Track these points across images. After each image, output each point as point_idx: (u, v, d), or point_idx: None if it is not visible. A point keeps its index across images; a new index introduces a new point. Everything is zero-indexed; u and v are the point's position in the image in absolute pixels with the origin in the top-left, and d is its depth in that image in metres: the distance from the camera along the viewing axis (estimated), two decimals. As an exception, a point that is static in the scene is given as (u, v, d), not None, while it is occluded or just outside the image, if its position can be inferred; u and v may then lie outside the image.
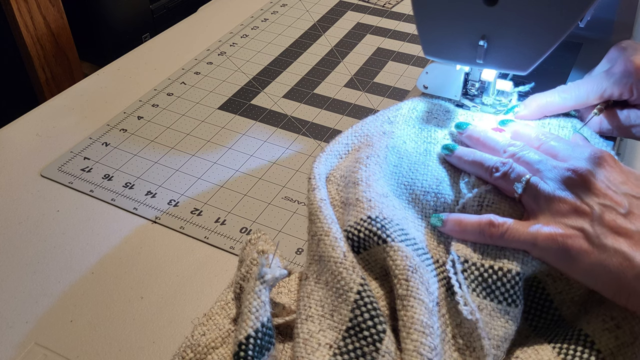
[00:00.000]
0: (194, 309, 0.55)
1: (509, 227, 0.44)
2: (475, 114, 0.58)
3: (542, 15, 0.46)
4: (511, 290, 0.43)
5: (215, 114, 0.81)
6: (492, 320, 0.42)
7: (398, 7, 1.07)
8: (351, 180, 0.48)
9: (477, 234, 0.45)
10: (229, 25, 1.02)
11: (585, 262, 0.42)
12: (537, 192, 0.46)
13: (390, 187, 0.49)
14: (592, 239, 0.42)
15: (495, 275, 0.43)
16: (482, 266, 0.44)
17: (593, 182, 0.45)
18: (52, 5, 1.32)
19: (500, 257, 0.44)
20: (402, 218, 0.46)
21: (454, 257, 0.45)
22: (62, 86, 1.38)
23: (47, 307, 0.55)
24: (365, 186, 0.47)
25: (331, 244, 0.43)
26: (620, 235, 0.42)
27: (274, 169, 0.71)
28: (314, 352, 0.40)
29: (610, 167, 0.46)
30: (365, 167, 0.48)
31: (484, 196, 0.48)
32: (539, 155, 0.48)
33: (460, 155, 0.51)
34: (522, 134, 0.53)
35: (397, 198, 0.49)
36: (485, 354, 0.41)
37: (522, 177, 0.46)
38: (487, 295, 0.43)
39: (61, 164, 0.72)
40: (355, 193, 0.46)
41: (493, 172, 0.48)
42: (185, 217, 0.65)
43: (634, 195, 0.44)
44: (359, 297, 0.41)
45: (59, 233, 0.63)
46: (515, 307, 0.43)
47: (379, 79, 0.87)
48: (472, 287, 0.43)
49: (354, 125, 0.56)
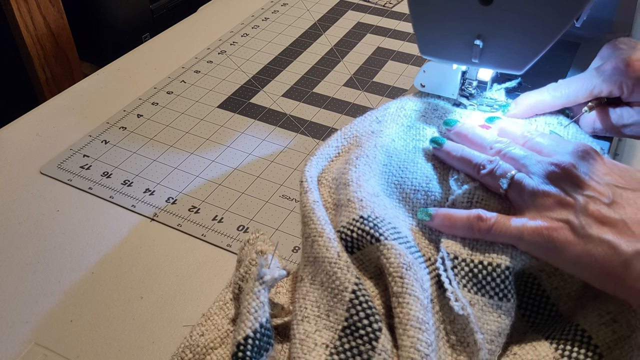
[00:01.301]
0: (193, 309, 0.55)
1: (496, 221, 0.45)
2: (463, 111, 0.59)
3: (537, 14, 0.46)
4: (502, 284, 0.43)
5: (215, 112, 0.81)
6: (485, 315, 0.42)
7: (398, 6, 1.08)
8: (342, 181, 0.48)
9: (465, 228, 0.46)
10: (229, 25, 1.02)
11: (572, 253, 0.42)
12: (521, 188, 0.46)
13: (381, 187, 0.49)
14: (577, 230, 0.42)
15: (485, 271, 0.44)
16: (471, 262, 0.44)
17: (576, 174, 0.45)
18: (52, 5, 1.32)
19: (490, 252, 0.45)
20: (393, 217, 0.47)
21: (443, 254, 0.45)
22: (62, 86, 1.38)
23: (47, 307, 0.56)
24: (355, 186, 0.47)
25: (325, 245, 0.43)
26: (605, 224, 0.42)
27: (272, 167, 0.71)
28: (311, 352, 0.40)
29: (594, 159, 0.47)
30: (355, 168, 0.49)
31: (473, 192, 0.49)
32: (524, 151, 0.49)
33: (448, 150, 0.52)
34: (508, 131, 0.53)
35: (388, 197, 0.49)
36: (478, 348, 0.41)
37: (507, 173, 0.47)
38: (479, 291, 0.43)
39: (61, 161, 0.73)
40: (346, 194, 0.47)
41: (480, 169, 0.49)
42: (183, 215, 0.65)
43: (617, 185, 0.45)
44: (354, 297, 0.41)
45: (59, 233, 0.63)
46: (507, 301, 0.43)
47: (379, 79, 0.87)
48: (462, 283, 0.44)
49: (343, 127, 0.56)
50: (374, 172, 0.49)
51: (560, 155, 0.47)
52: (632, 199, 0.44)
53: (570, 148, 0.48)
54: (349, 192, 0.46)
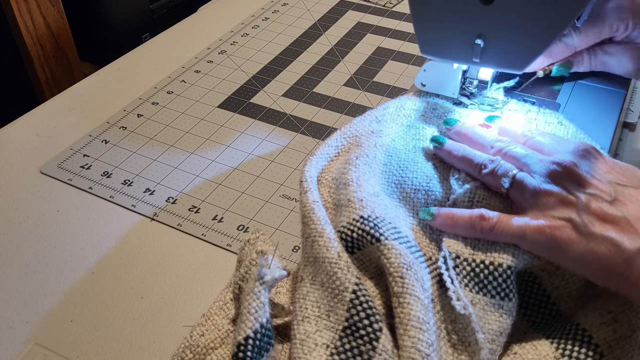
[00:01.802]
0: (194, 309, 0.55)
1: (498, 220, 0.45)
2: (462, 111, 0.59)
3: (538, 14, 0.46)
4: (503, 284, 0.43)
5: (215, 112, 0.81)
6: (486, 315, 0.42)
7: (398, 6, 1.07)
8: (342, 181, 0.48)
9: (468, 228, 0.46)
10: (229, 24, 1.02)
11: (575, 251, 0.42)
12: (523, 187, 0.46)
13: (381, 187, 0.49)
14: (580, 228, 0.42)
15: (487, 270, 0.44)
16: (473, 261, 0.44)
17: (578, 173, 0.45)
18: (52, 5, 1.32)
19: (491, 252, 0.45)
20: (394, 216, 0.47)
21: (445, 253, 0.45)
22: (62, 86, 1.38)
23: (47, 307, 0.55)
24: (356, 186, 0.47)
25: (325, 245, 0.43)
26: (608, 222, 0.42)
27: (272, 167, 0.71)
28: (311, 352, 0.40)
29: (595, 158, 0.47)
30: (355, 168, 0.48)
31: (474, 192, 0.49)
32: (525, 150, 0.49)
33: (449, 149, 0.52)
34: (509, 130, 0.54)
35: (388, 197, 0.49)
36: (480, 348, 0.41)
37: (509, 173, 0.47)
38: (480, 290, 0.43)
39: (61, 161, 0.73)
40: (346, 194, 0.47)
41: (481, 169, 0.49)
42: (183, 215, 0.65)
43: (619, 183, 0.45)
44: (355, 297, 0.41)
45: (59, 233, 0.63)
46: (509, 300, 0.43)
47: (379, 78, 0.87)
48: (464, 283, 0.44)
49: (342, 127, 0.56)
50: (374, 171, 0.49)
51: (561, 154, 0.47)
52: (634, 196, 0.44)
53: (571, 147, 0.48)
54: (349, 192, 0.46)
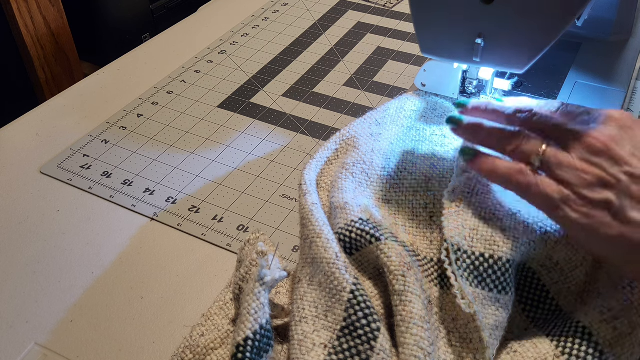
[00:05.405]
0: (194, 309, 0.55)
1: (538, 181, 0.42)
2: None
3: (538, 13, 0.46)
4: (502, 277, 0.43)
5: (215, 112, 0.81)
6: (484, 309, 0.42)
7: (398, 6, 1.07)
8: (337, 187, 0.48)
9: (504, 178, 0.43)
10: (229, 24, 1.02)
11: (605, 234, 0.40)
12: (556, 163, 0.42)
13: (380, 193, 0.49)
14: (617, 212, 0.39)
15: (487, 264, 0.43)
16: (473, 254, 0.44)
17: (615, 149, 0.41)
18: (52, 5, 1.32)
19: (491, 244, 0.44)
20: (391, 224, 0.47)
21: (449, 245, 0.44)
22: (62, 86, 1.38)
23: (47, 307, 0.55)
24: (351, 196, 0.47)
25: (323, 246, 0.43)
26: None
27: (272, 167, 0.71)
28: (309, 352, 0.40)
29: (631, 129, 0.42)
30: (352, 177, 0.49)
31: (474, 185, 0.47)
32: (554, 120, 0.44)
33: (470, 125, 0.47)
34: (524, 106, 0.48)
35: (386, 204, 0.49)
36: (485, 347, 0.41)
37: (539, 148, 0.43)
38: (479, 284, 0.43)
39: (61, 161, 0.73)
40: (342, 197, 0.47)
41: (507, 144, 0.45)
42: (183, 215, 0.65)
43: None
44: (353, 297, 0.41)
45: (59, 233, 0.63)
46: (506, 294, 0.43)
47: (379, 78, 0.87)
48: (464, 276, 0.43)
49: (342, 129, 0.56)
50: (372, 179, 0.49)
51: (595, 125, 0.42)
52: None
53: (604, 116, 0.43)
54: (346, 197, 0.47)
